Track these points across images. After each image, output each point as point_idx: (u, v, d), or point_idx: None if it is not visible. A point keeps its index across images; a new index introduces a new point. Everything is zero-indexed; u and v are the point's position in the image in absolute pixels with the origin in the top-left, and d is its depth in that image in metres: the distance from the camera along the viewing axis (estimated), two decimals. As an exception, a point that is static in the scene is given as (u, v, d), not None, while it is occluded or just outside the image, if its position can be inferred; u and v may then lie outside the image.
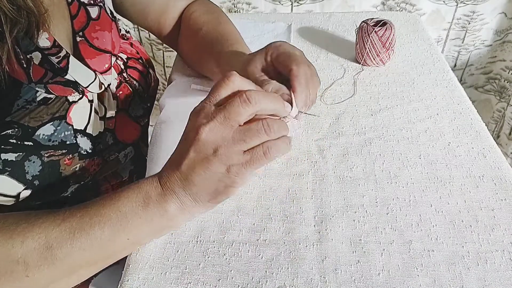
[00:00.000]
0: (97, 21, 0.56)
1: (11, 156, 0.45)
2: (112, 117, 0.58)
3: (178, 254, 0.45)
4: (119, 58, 0.60)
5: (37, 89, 0.47)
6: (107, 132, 0.57)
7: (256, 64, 0.53)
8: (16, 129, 0.45)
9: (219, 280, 0.43)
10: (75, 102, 0.51)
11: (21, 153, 0.46)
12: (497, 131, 1.34)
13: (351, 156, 0.56)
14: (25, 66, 0.46)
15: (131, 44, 0.65)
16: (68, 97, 0.50)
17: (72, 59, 0.50)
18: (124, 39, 0.64)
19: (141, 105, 0.64)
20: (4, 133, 0.44)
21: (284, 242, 0.46)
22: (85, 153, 0.53)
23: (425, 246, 0.45)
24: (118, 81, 0.59)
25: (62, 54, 0.49)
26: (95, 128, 0.54)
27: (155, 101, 0.71)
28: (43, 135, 0.47)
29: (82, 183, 0.55)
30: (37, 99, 0.47)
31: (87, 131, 0.52)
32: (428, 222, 0.47)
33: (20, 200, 0.48)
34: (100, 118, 0.55)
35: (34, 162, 0.47)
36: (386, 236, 0.46)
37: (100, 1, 0.58)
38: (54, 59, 0.48)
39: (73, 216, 0.41)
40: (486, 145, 0.57)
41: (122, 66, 0.60)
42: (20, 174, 0.46)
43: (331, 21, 0.90)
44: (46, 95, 0.48)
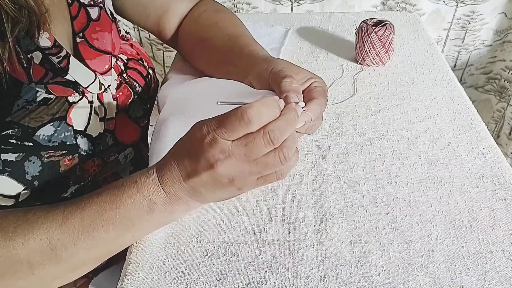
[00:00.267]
0: (97, 22, 0.56)
1: (11, 157, 0.45)
2: (112, 118, 0.58)
3: (178, 254, 0.45)
4: (119, 59, 0.60)
5: (37, 89, 0.47)
6: (107, 133, 0.57)
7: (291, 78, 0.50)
8: (16, 130, 0.45)
9: (219, 280, 0.43)
10: (75, 103, 0.51)
11: (21, 154, 0.46)
12: (497, 131, 1.34)
13: (351, 156, 0.56)
14: (25, 65, 0.46)
15: (131, 45, 0.65)
16: (68, 97, 0.50)
17: (73, 59, 0.50)
18: (124, 40, 0.64)
19: (141, 106, 0.64)
20: (4, 133, 0.45)
21: (284, 242, 0.46)
22: (85, 154, 0.53)
23: (425, 246, 0.45)
24: (118, 82, 0.59)
25: (62, 54, 0.49)
26: (95, 129, 0.54)
27: (155, 102, 0.70)
28: (43, 135, 0.47)
29: (82, 184, 0.55)
30: (37, 99, 0.47)
31: (87, 132, 0.53)
32: (428, 222, 0.47)
33: (19, 201, 0.48)
34: (100, 119, 0.55)
35: (34, 162, 0.47)
36: (386, 236, 0.46)
37: (100, 2, 0.58)
38: (55, 59, 0.48)
39: (73, 217, 0.41)
40: (486, 145, 0.57)
41: (122, 67, 0.60)
42: (20, 175, 0.46)
43: (331, 21, 0.90)
44: (46, 95, 0.48)
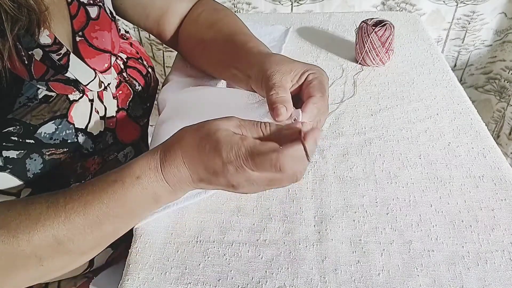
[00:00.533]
0: (97, 21, 0.56)
1: (12, 154, 0.45)
2: (113, 116, 0.58)
3: (178, 254, 0.45)
4: (119, 58, 0.60)
5: (38, 86, 0.47)
6: (107, 132, 0.57)
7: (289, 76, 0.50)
8: (18, 127, 0.45)
9: (219, 280, 0.43)
10: (75, 101, 0.51)
11: (22, 151, 0.46)
12: (497, 131, 1.34)
13: (351, 156, 0.56)
14: (26, 62, 0.46)
15: (131, 44, 0.65)
16: (69, 95, 0.50)
17: (73, 56, 0.51)
18: (123, 39, 0.64)
19: (141, 105, 0.64)
20: (6, 130, 0.45)
21: (284, 242, 0.46)
22: (86, 152, 0.53)
23: (425, 246, 0.45)
24: (118, 80, 0.59)
25: (62, 51, 0.49)
26: (96, 127, 0.54)
27: (155, 101, 0.70)
28: (45, 133, 0.48)
29: (82, 181, 0.55)
30: (39, 96, 0.47)
31: (88, 130, 0.53)
32: (428, 222, 0.47)
33: (20, 198, 0.48)
34: (101, 118, 0.55)
35: (35, 160, 0.47)
36: (386, 236, 0.46)
37: (100, 1, 0.58)
38: (55, 56, 0.48)
39: (76, 213, 0.41)
40: (486, 145, 0.57)
41: (122, 66, 0.60)
42: (21, 172, 0.46)
43: (331, 21, 0.90)
44: (47, 92, 0.48)
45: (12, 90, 0.45)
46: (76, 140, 0.51)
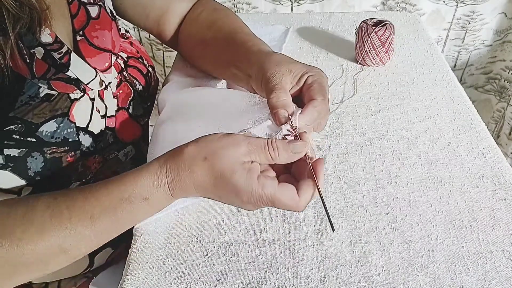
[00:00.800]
0: (97, 20, 0.56)
1: (13, 152, 0.45)
2: (113, 115, 0.58)
3: (178, 254, 0.45)
4: (119, 57, 0.60)
5: (40, 85, 0.47)
6: (108, 131, 0.57)
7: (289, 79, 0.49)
8: (20, 125, 0.46)
9: (219, 280, 0.43)
10: (77, 99, 0.51)
11: (24, 149, 0.46)
12: (497, 131, 1.34)
13: (351, 156, 0.56)
14: (28, 61, 0.47)
15: (131, 43, 0.65)
16: (70, 94, 0.51)
17: (73, 55, 0.51)
18: (124, 38, 0.64)
19: (141, 104, 0.64)
20: (7, 128, 0.45)
21: (284, 242, 0.46)
22: (87, 150, 0.53)
23: (425, 246, 0.45)
24: (118, 80, 0.59)
25: (63, 50, 0.50)
26: (97, 126, 0.54)
27: (155, 101, 0.70)
28: (46, 131, 0.48)
29: (83, 180, 0.55)
30: (40, 95, 0.47)
31: (89, 129, 0.53)
32: (428, 222, 0.47)
33: (21, 196, 0.48)
34: (101, 117, 0.55)
35: (36, 158, 0.47)
36: (386, 236, 0.46)
37: (100, 0, 0.58)
38: (56, 55, 0.49)
39: (83, 225, 0.40)
40: (486, 145, 0.57)
41: (122, 65, 0.60)
42: (22, 170, 0.46)
43: (331, 21, 0.90)
44: (48, 91, 0.48)
45: (14, 89, 0.46)
46: (77, 139, 0.51)
